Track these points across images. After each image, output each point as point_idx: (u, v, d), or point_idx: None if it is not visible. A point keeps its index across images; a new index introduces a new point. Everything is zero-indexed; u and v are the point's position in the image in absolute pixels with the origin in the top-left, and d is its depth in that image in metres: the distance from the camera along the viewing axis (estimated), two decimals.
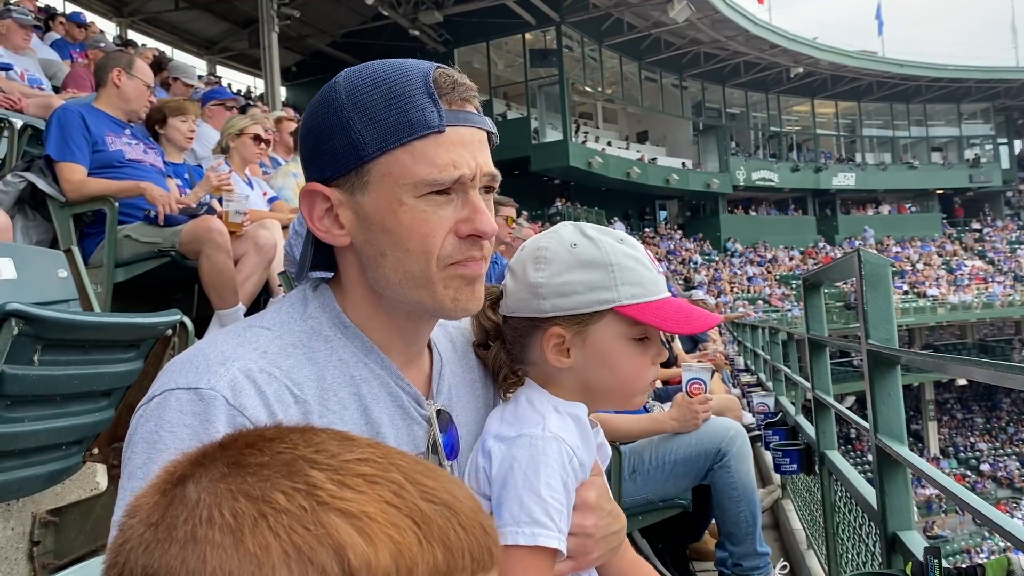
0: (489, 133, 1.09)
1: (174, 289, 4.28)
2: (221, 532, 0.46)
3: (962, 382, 30.93)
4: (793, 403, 6.27)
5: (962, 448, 31.72)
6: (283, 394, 0.98)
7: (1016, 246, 40.03)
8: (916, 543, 2.20)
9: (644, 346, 1.24)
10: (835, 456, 3.67)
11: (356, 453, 0.52)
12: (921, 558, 1.91)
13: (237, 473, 0.49)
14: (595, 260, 1.19)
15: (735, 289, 33.22)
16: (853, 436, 26.53)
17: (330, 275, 1.15)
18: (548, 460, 1.12)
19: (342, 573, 0.45)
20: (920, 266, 37.39)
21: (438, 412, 1.14)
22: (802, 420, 5.05)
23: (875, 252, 2.76)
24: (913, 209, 42.36)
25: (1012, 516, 13.68)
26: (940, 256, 38.89)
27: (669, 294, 1.24)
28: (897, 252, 37.55)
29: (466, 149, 1.03)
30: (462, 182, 1.03)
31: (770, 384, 8.03)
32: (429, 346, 1.20)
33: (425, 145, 1.01)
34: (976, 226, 42.41)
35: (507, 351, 1.27)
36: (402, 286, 1.06)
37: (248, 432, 0.55)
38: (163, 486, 0.52)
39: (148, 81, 4.30)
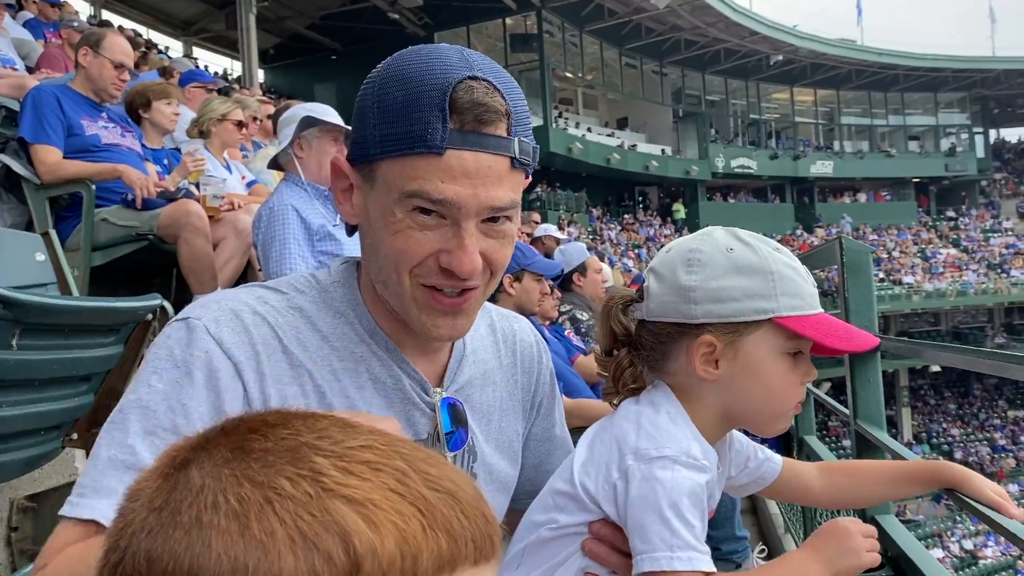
0: (515, 159, 0.99)
1: (152, 273, 4.23)
2: (227, 517, 0.46)
3: (936, 369, 31.37)
4: None
5: (935, 434, 32.19)
6: (271, 340, 1.02)
7: (990, 235, 40.55)
8: (895, 527, 2.23)
9: (796, 362, 1.16)
10: (814, 442, 3.71)
11: (359, 440, 0.51)
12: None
13: (241, 458, 0.49)
14: (754, 266, 1.12)
15: None
16: (828, 422, 26.81)
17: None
18: (693, 486, 1.08)
19: (348, 560, 0.45)
20: (896, 254, 37.77)
21: (451, 404, 1.13)
22: None
23: (855, 239, 2.78)
24: (889, 197, 42.75)
25: None
26: (916, 244, 39.30)
27: (823, 311, 1.16)
28: (874, 240, 37.89)
29: (467, 177, 0.95)
30: (454, 209, 0.96)
31: None
32: None
33: (419, 163, 0.95)
34: (951, 214, 42.90)
35: (641, 358, 1.20)
36: (383, 290, 1.06)
37: (250, 417, 0.54)
38: (165, 470, 0.51)
39: (117, 60, 4.08)
